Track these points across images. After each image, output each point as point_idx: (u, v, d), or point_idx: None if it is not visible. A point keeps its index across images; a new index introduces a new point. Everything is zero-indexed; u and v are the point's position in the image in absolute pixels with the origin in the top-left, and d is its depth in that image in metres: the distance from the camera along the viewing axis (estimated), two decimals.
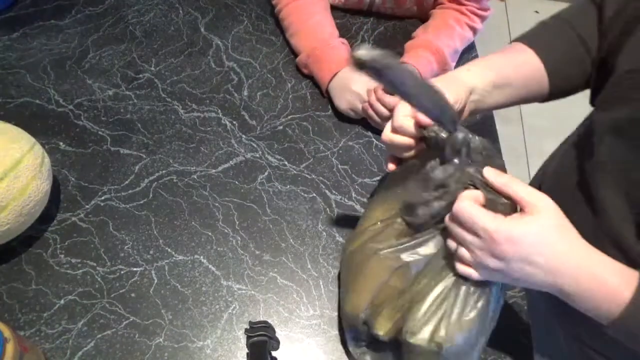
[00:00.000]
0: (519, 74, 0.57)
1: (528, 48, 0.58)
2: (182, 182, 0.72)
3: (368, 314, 0.52)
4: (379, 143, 0.80)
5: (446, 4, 0.90)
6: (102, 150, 0.74)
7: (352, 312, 0.53)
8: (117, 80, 0.82)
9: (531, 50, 0.58)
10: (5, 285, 0.61)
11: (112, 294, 0.61)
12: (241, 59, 0.88)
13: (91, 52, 0.85)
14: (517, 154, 1.87)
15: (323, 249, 0.68)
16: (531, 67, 0.57)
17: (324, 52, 0.82)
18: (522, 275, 0.42)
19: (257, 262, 0.66)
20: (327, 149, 0.78)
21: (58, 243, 0.65)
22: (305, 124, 0.81)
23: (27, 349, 0.50)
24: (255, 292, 0.63)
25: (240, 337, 0.60)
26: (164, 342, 0.59)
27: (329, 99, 0.83)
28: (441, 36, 0.85)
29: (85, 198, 0.69)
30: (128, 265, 0.64)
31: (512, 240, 0.41)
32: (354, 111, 0.80)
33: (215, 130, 0.78)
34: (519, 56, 0.58)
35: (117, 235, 0.66)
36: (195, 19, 0.93)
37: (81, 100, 0.79)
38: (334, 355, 0.60)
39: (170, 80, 0.83)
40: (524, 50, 0.58)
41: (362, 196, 0.73)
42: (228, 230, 0.68)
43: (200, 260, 0.65)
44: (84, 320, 0.59)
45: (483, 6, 0.89)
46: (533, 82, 0.58)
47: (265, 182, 0.73)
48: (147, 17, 0.92)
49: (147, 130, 0.77)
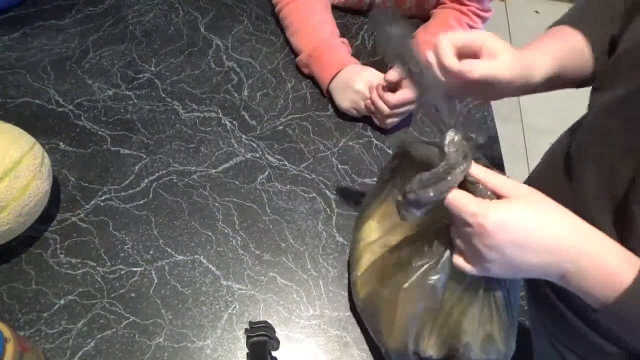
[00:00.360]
0: (573, 62, 0.56)
1: (576, 31, 0.57)
2: (182, 182, 0.72)
3: (413, 342, 0.52)
4: (379, 143, 0.80)
5: (448, 3, 0.90)
6: (102, 150, 0.74)
7: (401, 348, 0.53)
8: (117, 80, 0.82)
9: (579, 34, 0.57)
10: (5, 285, 0.61)
11: (112, 294, 0.61)
12: (241, 59, 0.88)
13: (91, 52, 0.85)
14: (517, 153, 1.87)
15: (323, 249, 0.68)
16: (581, 53, 0.57)
17: (324, 52, 0.82)
18: (521, 262, 0.41)
19: (257, 262, 0.66)
20: (327, 149, 0.78)
21: (58, 243, 0.65)
22: (305, 124, 0.81)
23: (27, 349, 0.50)
24: (255, 292, 0.63)
25: (240, 337, 0.60)
26: (164, 342, 0.59)
27: (329, 98, 0.83)
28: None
29: (85, 198, 0.69)
30: (128, 265, 0.64)
31: (500, 224, 0.40)
32: (356, 110, 0.80)
33: (215, 130, 0.78)
34: (569, 41, 0.57)
35: (117, 235, 0.66)
36: (195, 19, 0.93)
37: (81, 100, 0.79)
38: (334, 355, 0.60)
39: (170, 80, 0.83)
40: (573, 34, 0.57)
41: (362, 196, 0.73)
42: (228, 230, 0.68)
43: (200, 260, 0.65)
44: (84, 320, 0.59)
45: (485, 7, 0.89)
46: (581, 68, 0.57)
47: (265, 182, 0.73)
48: (147, 17, 0.92)
49: (147, 130, 0.77)
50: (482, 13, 0.89)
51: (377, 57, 0.90)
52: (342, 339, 0.61)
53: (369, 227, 0.59)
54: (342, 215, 0.71)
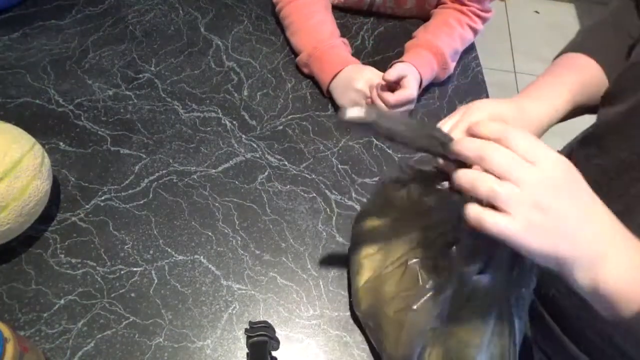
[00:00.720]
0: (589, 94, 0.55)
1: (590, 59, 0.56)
2: (182, 182, 0.72)
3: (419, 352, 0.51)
4: (379, 143, 0.80)
5: (448, 4, 0.90)
6: (102, 150, 0.74)
7: None
8: (117, 80, 0.82)
9: (593, 61, 0.56)
10: (5, 285, 0.61)
11: (112, 294, 0.61)
12: (241, 59, 0.88)
13: (91, 52, 0.85)
14: None
15: (323, 249, 0.68)
16: (597, 82, 0.56)
17: (325, 52, 0.82)
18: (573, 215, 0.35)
19: (257, 262, 0.66)
20: (327, 149, 0.78)
21: (58, 243, 0.65)
22: (305, 124, 0.81)
23: (27, 349, 0.50)
24: (255, 292, 0.63)
25: (240, 337, 0.60)
26: (164, 342, 0.59)
27: (329, 98, 0.83)
28: (442, 36, 0.85)
29: (85, 198, 0.69)
30: (128, 265, 0.64)
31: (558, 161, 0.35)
32: None
33: (215, 130, 0.78)
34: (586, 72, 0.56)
35: (117, 235, 0.66)
36: (195, 19, 0.93)
37: (81, 100, 0.79)
38: (334, 355, 0.60)
39: (170, 80, 0.83)
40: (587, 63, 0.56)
41: (362, 196, 0.73)
42: (228, 230, 0.68)
43: (200, 260, 0.65)
44: (84, 320, 0.59)
45: (485, 7, 0.89)
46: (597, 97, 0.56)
47: (265, 182, 0.73)
48: (147, 17, 0.92)
49: (147, 130, 0.77)
50: (483, 13, 0.89)
51: (377, 57, 0.90)
52: (342, 339, 0.61)
53: (369, 234, 0.59)
54: (342, 215, 0.71)
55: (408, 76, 0.75)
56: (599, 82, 0.56)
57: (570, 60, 0.58)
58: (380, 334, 0.55)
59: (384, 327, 0.54)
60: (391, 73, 0.74)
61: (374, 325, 0.56)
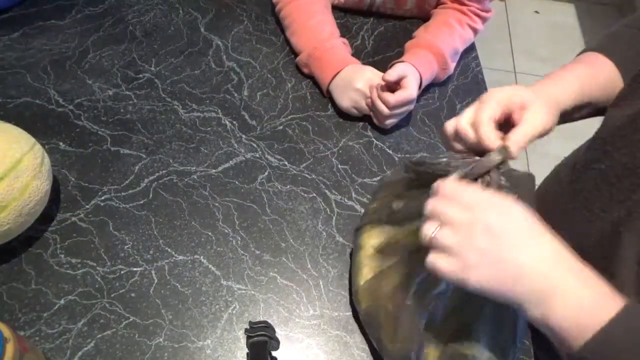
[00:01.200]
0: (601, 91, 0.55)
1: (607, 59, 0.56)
2: (182, 182, 0.72)
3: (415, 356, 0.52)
4: (379, 143, 0.80)
5: (448, 4, 0.90)
6: (102, 150, 0.74)
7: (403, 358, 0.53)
8: (117, 80, 0.82)
9: (610, 62, 0.56)
10: (5, 285, 0.61)
11: (112, 294, 0.61)
12: (241, 59, 0.88)
13: (91, 52, 0.85)
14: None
15: (323, 249, 0.68)
16: (612, 82, 0.56)
17: (324, 52, 0.82)
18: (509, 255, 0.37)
19: (257, 262, 0.66)
20: (327, 149, 0.78)
21: (58, 243, 0.65)
22: (305, 124, 0.81)
23: (27, 349, 0.50)
24: (255, 292, 0.63)
25: (240, 337, 0.60)
26: (164, 342, 0.59)
27: (329, 98, 0.83)
28: (442, 36, 0.85)
29: (85, 198, 0.69)
30: (128, 265, 0.64)
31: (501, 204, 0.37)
32: (357, 109, 0.80)
33: (215, 130, 0.78)
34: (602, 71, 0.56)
35: (117, 235, 0.66)
36: (195, 19, 0.93)
37: (81, 100, 0.79)
38: (334, 355, 0.60)
39: (170, 80, 0.83)
40: (604, 62, 0.56)
41: (362, 196, 0.73)
42: (228, 230, 0.68)
43: (200, 260, 0.65)
44: (84, 320, 0.59)
45: (485, 7, 0.89)
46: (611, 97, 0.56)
47: (265, 182, 0.73)
48: (147, 17, 0.92)
49: (147, 130, 0.77)
50: (482, 13, 0.89)
51: (377, 57, 0.90)
52: (342, 339, 0.61)
53: (371, 234, 0.59)
54: (342, 215, 0.71)
55: (408, 76, 0.75)
56: (614, 83, 0.56)
57: (587, 57, 0.58)
58: (380, 332, 0.55)
59: (383, 323, 0.54)
60: (391, 73, 0.74)
61: (374, 324, 0.56)
